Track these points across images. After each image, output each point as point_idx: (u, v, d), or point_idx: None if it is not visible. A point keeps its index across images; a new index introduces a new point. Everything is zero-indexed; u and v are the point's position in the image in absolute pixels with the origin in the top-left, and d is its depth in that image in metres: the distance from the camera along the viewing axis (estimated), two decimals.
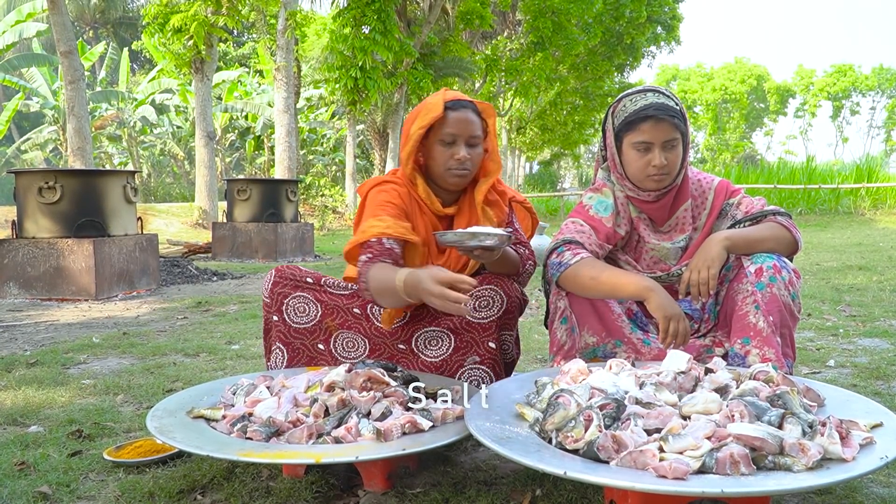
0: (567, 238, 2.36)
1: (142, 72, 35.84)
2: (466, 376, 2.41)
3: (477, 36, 22.16)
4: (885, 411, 1.83)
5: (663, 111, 2.26)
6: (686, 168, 2.40)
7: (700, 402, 1.76)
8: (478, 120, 2.36)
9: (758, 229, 2.31)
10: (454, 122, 2.32)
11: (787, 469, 1.53)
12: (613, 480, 1.50)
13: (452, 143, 2.33)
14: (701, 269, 2.20)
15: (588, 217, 2.42)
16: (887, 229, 13.80)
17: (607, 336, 2.33)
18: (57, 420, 2.68)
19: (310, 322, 2.47)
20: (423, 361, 2.44)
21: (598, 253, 2.37)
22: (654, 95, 2.31)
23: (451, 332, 2.41)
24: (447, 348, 2.42)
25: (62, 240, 6.38)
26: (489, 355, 2.40)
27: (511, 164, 35.90)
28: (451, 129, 2.32)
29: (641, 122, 2.28)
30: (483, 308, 2.35)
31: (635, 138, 2.30)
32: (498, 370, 2.42)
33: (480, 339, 2.39)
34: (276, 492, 1.98)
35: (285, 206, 10.55)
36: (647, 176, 2.32)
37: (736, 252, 2.28)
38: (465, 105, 2.35)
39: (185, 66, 16.07)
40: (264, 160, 27.64)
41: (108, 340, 4.31)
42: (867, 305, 5.11)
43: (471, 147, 2.34)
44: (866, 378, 3.12)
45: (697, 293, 2.21)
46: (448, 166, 2.34)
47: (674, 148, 2.30)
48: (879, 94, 67.24)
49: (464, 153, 2.32)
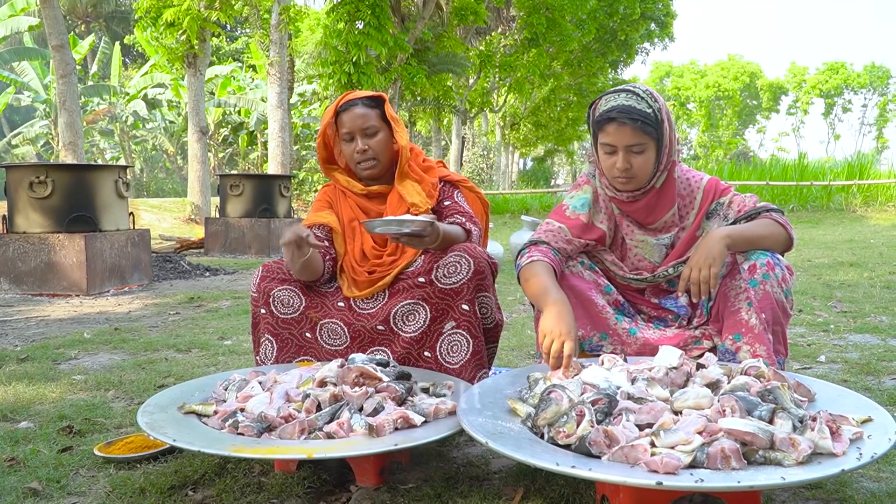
0: (534, 239, 2.42)
1: (134, 66, 35.67)
2: (446, 343, 2.44)
3: (471, 32, 22.11)
4: (875, 406, 1.84)
5: (626, 114, 2.20)
6: (668, 171, 2.36)
7: (692, 397, 1.77)
8: (370, 111, 2.59)
9: (756, 226, 2.29)
10: (346, 121, 2.58)
11: (777, 464, 1.53)
12: (605, 475, 1.50)
13: (351, 139, 2.60)
14: (702, 268, 2.17)
15: (564, 217, 2.44)
16: (878, 226, 13.85)
17: (592, 329, 2.34)
18: (47, 416, 2.67)
19: (295, 312, 2.55)
20: (404, 339, 2.48)
21: (566, 249, 2.39)
22: (626, 97, 2.25)
23: (426, 302, 2.45)
24: (424, 319, 2.45)
25: (53, 235, 6.36)
26: (464, 318, 2.42)
27: (505, 161, 35.89)
28: (345, 129, 2.59)
29: (606, 124, 2.25)
30: (452, 274, 2.42)
31: (603, 139, 2.29)
32: (475, 332, 2.44)
33: (455, 304, 2.43)
34: (268, 487, 1.98)
35: (278, 201, 10.53)
36: (613, 177, 2.32)
37: (735, 250, 2.25)
38: (354, 103, 2.59)
39: (177, 61, 16.01)
40: (257, 155, 27.59)
41: (100, 336, 4.29)
42: (858, 302, 5.13)
43: (369, 137, 2.58)
44: (857, 373, 3.13)
45: (698, 292, 2.19)
46: (355, 160, 2.61)
47: (640, 153, 2.25)
48: (871, 92, 67.41)
49: (360, 145, 2.57)
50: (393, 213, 2.56)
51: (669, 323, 2.44)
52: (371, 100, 2.61)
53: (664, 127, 2.28)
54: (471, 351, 2.42)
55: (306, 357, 2.53)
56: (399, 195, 2.60)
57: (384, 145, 2.60)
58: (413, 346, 2.47)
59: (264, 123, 23.99)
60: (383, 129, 2.60)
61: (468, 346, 2.42)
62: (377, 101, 2.63)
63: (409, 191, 2.59)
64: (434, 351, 2.45)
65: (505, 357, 3.58)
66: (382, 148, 2.60)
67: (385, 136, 2.60)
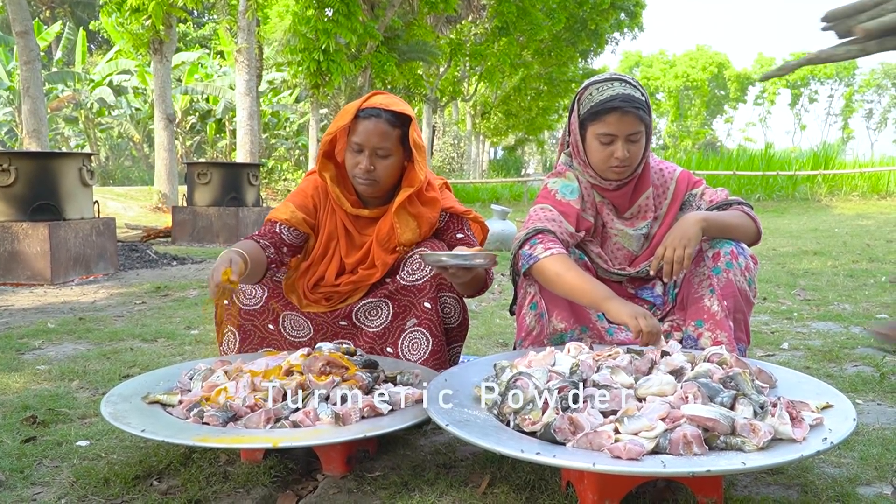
0: (539, 227, 2.31)
1: (99, 52, 35.09)
2: (407, 340, 2.44)
3: (441, 20, 22.05)
4: (836, 393, 1.88)
5: (629, 103, 2.23)
6: (647, 157, 2.39)
7: (655, 384, 1.79)
8: (391, 130, 2.35)
9: (729, 216, 2.32)
10: (361, 132, 2.34)
11: (738, 449, 1.56)
12: (569, 462, 1.52)
13: (359, 151, 2.36)
14: (677, 247, 2.18)
15: (556, 202, 2.39)
16: (843, 215, 14.08)
17: (575, 322, 2.33)
18: (11, 406, 2.63)
19: (258, 304, 2.52)
20: (367, 333, 2.48)
21: (570, 242, 2.35)
22: (621, 86, 2.27)
23: (388, 299, 2.46)
24: (386, 316, 2.46)
25: (16, 223, 6.24)
26: (425, 316, 2.42)
27: (475, 150, 35.90)
28: (357, 139, 2.35)
29: (607, 114, 2.24)
30: (416, 271, 2.41)
31: (599, 129, 2.27)
32: (435, 331, 2.43)
33: (416, 301, 2.43)
34: (234, 476, 1.97)
35: (247, 190, 10.44)
36: (608, 167, 2.31)
37: (709, 234, 2.27)
38: (378, 114, 2.34)
39: (143, 47, 15.75)
40: (225, 143, 27.30)
41: (64, 326, 4.24)
42: (821, 290, 5.22)
43: (379, 158, 2.36)
44: (819, 360, 3.19)
45: (670, 271, 2.20)
46: (353, 174, 2.40)
47: (637, 141, 2.28)
48: (837, 83, 68.37)
49: (366, 164, 2.35)
50: (379, 244, 2.45)
51: None
52: (396, 117, 2.36)
53: (651, 113, 2.33)
54: (430, 350, 2.41)
55: (270, 349, 2.51)
56: (391, 226, 2.44)
57: (392, 170, 2.40)
58: (376, 342, 2.47)
59: (232, 111, 23.75)
60: (397, 153, 2.39)
61: (427, 345, 2.42)
62: (403, 121, 2.38)
63: (403, 224, 2.44)
64: (396, 347, 2.45)
65: (473, 345, 3.59)
66: (390, 173, 2.40)
67: (396, 161, 2.40)
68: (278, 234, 2.47)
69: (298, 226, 2.49)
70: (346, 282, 2.49)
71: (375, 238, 2.47)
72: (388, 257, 2.46)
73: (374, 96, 2.41)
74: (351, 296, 2.50)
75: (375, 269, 2.46)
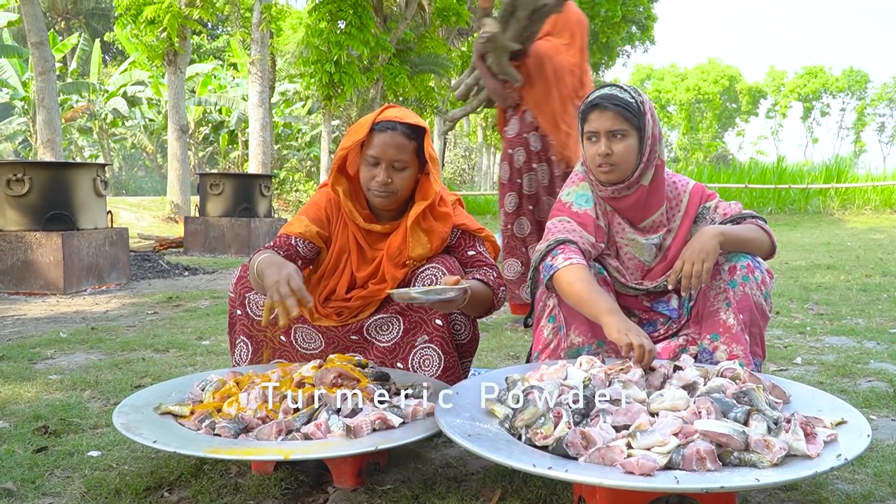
0: (560, 238, 2.32)
1: (114, 63, 35.35)
2: (418, 357, 2.43)
3: (453, 33, 22.10)
4: (850, 408, 1.86)
5: (609, 100, 2.28)
6: (657, 169, 2.38)
7: (668, 399, 1.78)
8: (407, 142, 2.35)
9: (745, 230, 2.32)
10: (377, 145, 2.34)
11: (752, 465, 1.55)
12: (581, 476, 1.51)
13: (375, 164, 2.36)
14: (696, 262, 2.18)
15: (572, 213, 2.40)
16: (855, 229, 13.99)
17: (592, 337, 2.32)
18: (23, 416, 2.64)
19: None
20: (378, 348, 2.47)
21: (591, 252, 2.35)
22: (611, 89, 2.33)
23: (400, 315, 2.45)
24: (398, 331, 2.45)
25: (30, 233, 6.29)
26: (437, 333, 2.41)
27: (486, 162, 35.91)
28: (373, 152, 2.34)
29: (590, 112, 2.32)
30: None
31: (586, 128, 2.35)
32: (447, 348, 2.42)
33: (427, 318, 2.42)
34: (245, 488, 1.97)
35: (259, 200, 10.48)
36: (595, 166, 2.34)
37: (726, 248, 2.27)
38: (393, 127, 2.34)
39: (157, 59, 15.88)
40: (238, 154, 27.42)
41: (76, 335, 4.25)
42: (834, 304, 5.18)
43: (396, 171, 2.36)
44: (833, 375, 3.16)
45: (688, 285, 2.20)
46: (369, 187, 2.39)
47: (621, 139, 2.29)
48: (849, 96, 68.07)
49: (383, 177, 2.34)
50: (389, 259, 2.44)
51: (659, 326, 2.45)
52: (412, 129, 2.37)
53: (646, 119, 2.31)
54: (442, 367, 2.40)
55: (281, 360, 2.51)
56: (402, 240, 2.43)
57: (408, 182, 2.40)
58: (387, 356, 2.46)
59: (245, 122, 23.85)
60: (413, 166, 2.39)
61: (440, 362, 2.41)
62: (418, 133, 2.39)
63: (414, 239, 2.42)
64: (406, 363, 2.44)
65: (484, 358, 3.58)
66: (406, 185, 2.40)
67: (412, 174, 2.40)
68: (294, 246, 2.46)
69: (312, 239, 2.48)
70: (357, 296, 2.48)
71: (386, 252, 2.47)
72: (397, 272, 2.45)
73: (388, 109, 2.41)
74: (362, 311, 2.50)
75: (385, 284, 2.45)
